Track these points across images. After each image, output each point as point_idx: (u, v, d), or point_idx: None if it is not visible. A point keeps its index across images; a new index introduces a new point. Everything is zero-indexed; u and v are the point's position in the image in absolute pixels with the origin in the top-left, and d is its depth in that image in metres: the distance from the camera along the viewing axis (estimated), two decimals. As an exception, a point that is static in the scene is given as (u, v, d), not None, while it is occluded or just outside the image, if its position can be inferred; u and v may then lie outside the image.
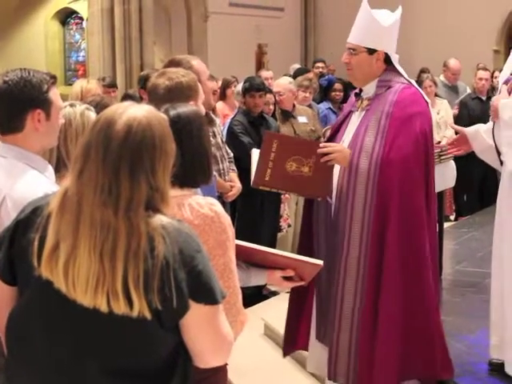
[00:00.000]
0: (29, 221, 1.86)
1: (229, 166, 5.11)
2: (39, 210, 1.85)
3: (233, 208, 5.62)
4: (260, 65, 13.64)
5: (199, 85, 3.03)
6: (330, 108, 7.92)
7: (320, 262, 2.52)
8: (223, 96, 7.27)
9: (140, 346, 1.80)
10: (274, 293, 5.93)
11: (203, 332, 1.83)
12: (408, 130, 3.40)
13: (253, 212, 5.95)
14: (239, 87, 6.97)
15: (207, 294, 1.80)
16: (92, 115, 2.73)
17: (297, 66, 10.68)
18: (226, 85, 7.37)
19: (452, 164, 5.40)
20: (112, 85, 7.22)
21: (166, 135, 1.82)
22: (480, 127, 3.92)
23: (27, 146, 2.41)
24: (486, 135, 3.79)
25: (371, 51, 3.50)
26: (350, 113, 3.70)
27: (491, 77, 8.83)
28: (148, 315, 1.75)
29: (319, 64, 10.39)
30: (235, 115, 6.22)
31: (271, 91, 6.58)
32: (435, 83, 8.12)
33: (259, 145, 5.15)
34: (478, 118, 6.45)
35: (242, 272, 2.40)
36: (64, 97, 2.80)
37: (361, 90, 3.66)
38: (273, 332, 4.88)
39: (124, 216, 1.73)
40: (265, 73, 9.01)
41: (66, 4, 14.48)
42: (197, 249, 1.81)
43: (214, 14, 12.70)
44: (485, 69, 8.92)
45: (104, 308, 1.74)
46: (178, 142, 1.92)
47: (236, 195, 5.12)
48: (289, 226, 6.39)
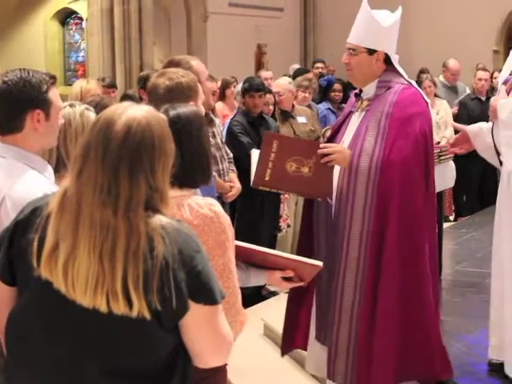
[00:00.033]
0: (28, 221, 1.86)
1: (228, 167, 5.11)
2: (38, 211, 1.85)
3: (232, 208, 5.62)
4: (259, 65, 13.64)
5: (199, 85, 3.03)
6: (330, 108, 7.92)
7: (319, 263, 2.51)
8: (223, 96, 7.26)
9: (139, 347, 1.80)
10: (274, 293, 5.93)
11: (203, 332, 1.83)
12: (408, 131, 3.40)
13: (252, 212, 5.95)
14: (239, 87, 6.97)
15: (207, 295, 1.80)
16: (92, 115, 2.73)
17: (296, 67, 10.68)
18: (226, 85, 7.37)
19: (451, 164, 5.41)
20: (111, 85, 7.23)
21: (166, 135, 1.82)
22: (482, 125, 3.91)
23: (26, 146, 2.41)
24: (487, 134, 3.79)
25: (371, 51, 3.50)
26: (350, 113, 3.70)
27: (491, 77, 8.82)
28: (147, 315, 1.75)
29: (319, 64, 10.38)
30: (235, 115, 6.21)
31: (271, 91, 6.57)
32: (434, 83, 8.11)
33: (259, 145, 5.14)
34: (478, 119, 6.42)
35: (242, 272, 2.40)
36: (63, 97, 2.80)
37: (361, 91, 3.65)
38: (272, 332, 4.88)
39: (123, 216, 1.73)
40: (264, 73, 9.00)
41: (66, 4, 14.49)
42: (196, 249, 1.81)
43: (214, 15, 12.70)
44: (484, 69, 8.91)
45: (103, 308, 1.74)
46: (178, 143, 1.92)
47: (235, 196, 5.12)
48: (288, 227, 6.39)
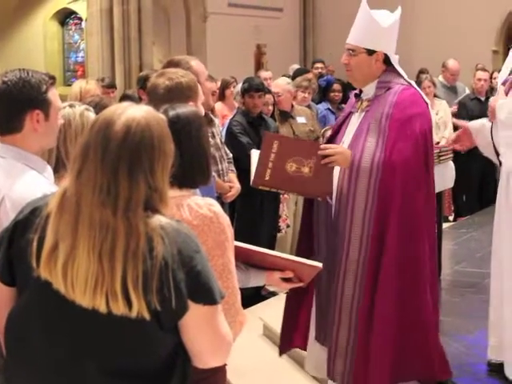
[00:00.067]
0: (27, 221, 1.86)
1: (228, 167, 5.11)
2: (38, 211, 1.85)
3: (232, 209, 5.62)
4: (259, 65, 13.65)
5: (199, 85, 3.03)
6: (329, 108, 7.93)
7: (319, 264, 2.51)
8: (222, 96, 7.26)
9: (139, 347, 1.80)
10: (273, 293, 5.92)
11: (202, 332, 1.83)
12: (408, 132, 3.39)
13: (252, 212, 5.95)
14: (238, 88, 6.96)
15: (206, 295, 1.80)
16: (91, 116, 2.73)
17: (296, 67, 10.68)
18: (225, 85, 7.37)
19: (451, 164, 5.41)
20: (111, 85, 7.23)
21: (165, 136, 1.82)
22: (484, 121, 3.89)
23: (26, 147, 2.41)
24: (489, 131, 3.78)
25: (370, 52, 3.49)
26: (350, 114, 3.69)
27: (490, 77, 8.81)
28: (147, 316, 1.75)
29: (318, 64, 10.38)
30: (234, 116, 6.21)
31: (270, 92, 6.57)
32: (434, 84, 8.11)
33: (258, 145, 5.14)
34: (477, 119, 6.44)
35: (241, 273, 2.40)
36: (63, 97, 2.80)
37: (360, 91, 3.64)
38: (271, 332, 4.88)
39: (123, 216, 1.73)
40: (264, 73, 9.00)
41: (65, 4, 14.50)
42: (196, 249, 1.81)
43: (213, 15, 12.70)
44: (484, 69, 8.90)
45: (103, 309, 1.74)
46: (177, 143, 1.92)
47: (235, 196, 5.12)
48: (288, 227, 6.38)
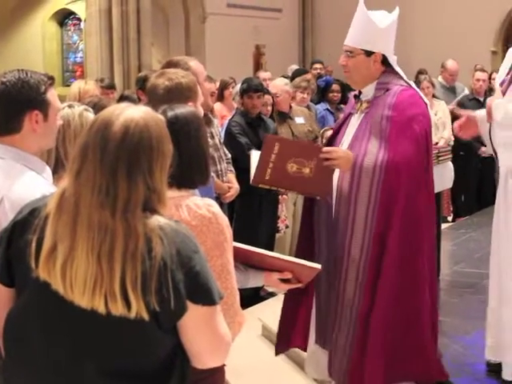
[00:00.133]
0: (26, 222, 1.86)
1: (227, 167, 5.11)
2: (37, 212, 1.85)
3: (231, 209, 5.61)
4: (258, 66, 13.64)
5: (198, 86, 3.03)
6: (328, 109, 7.92)
7: (318, 266, 2.51)
8: (221, 97, 7.26)
9: (138, 347, 1.80)
10: (272, 294, 5.92)
11: (201, 333, 1.83)
12: (409, 133, 3.39)
13: (250, 213, 5.94)
14: (237, 88, 6.97)
15: (205, 295, 1.80)
16: (90, 116, 2.73)
17: (295, 67, 10.69)
18: (224, 86, 7.37)
19: (450, 165, 5.42)
20: (110, 86, 7.21)
21: (164, 136, 1.82)
22: None
23: (25, 147, 2.41)
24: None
25: (368, 53, 3.48)
26: (350, 115, 3.69)
27: (489, 78, 8.82)
28: (146, 316, 1.75)
29: (317, 65, 10.38)
30: (233, 116, 6.21)
31: (269, 92, 6.57)
32: (433, 84, 8.11)
33: (257, 146, 5.14)
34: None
35: (240, 273, 2.40)
36: (62, 98, 2.80)
37: (360, 92, 3.63)
38: (270, 333, 4.88)
39: (121, 217, 1.73)
40: (263, 74, 9.00)
41: (64, 5, 14.49)
42: (194, 250, 1.81)
43: (212, 15, 12.70)
44: (482, 70, 8.91)
45: (102, 309, 1.74)
46: (176, 143, 1.92)
47: (234, 196, 5.12)
48: (286, 227, 6.38)
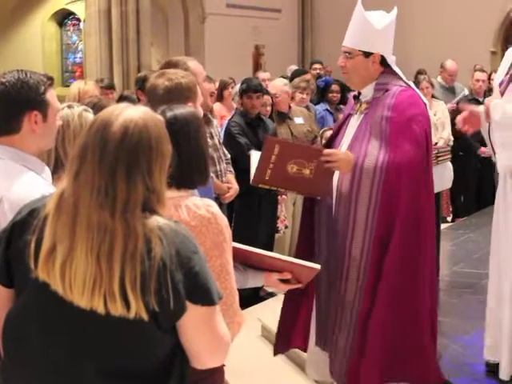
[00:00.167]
0: (25, 223, 1.86)
1: (226, 168, 5.11)
2: (36, 212, 1.85)
3: (230, 209, 5.61)
4: (257, 66, 13.64)
5: (198, 86, 3.03)
6: (327, 109, 7.92)
7: (317, 266, 2.51)
8: (220, 97, 7.26)
9: (137, 348, 1.80)
10: (271, 294, 5.92)
11: (200, 333, 1.83)
12: (409, 134, 3.38)
13: (250, 213, 5.94)
14: (236, 88, 6.96)
15: (204, 295, 1.81)
16: (90, 116, 2.73)
17: (294, 68, 10.68)
18: (224, 86, 7.37)
19: (449, 165, 5.41)
20: (110, 86, 7.21)
21: (163, 137, 1.83)
22: None
23: (24, 148, 2.41)
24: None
25: (367, 54, 3.47)
26: (349, 115, 3.69)
27: (488, 78, 8.82)
28: (145, 317, 1.75)
29: (316, 65, 10.37)
30: (232, 116, 6.21)
31: (268, 92, 6.57)
32: (432, 84, 8.11)
33: (256, 146, 5.14)
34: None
35: (239, 274, 2.40)
36: (61, 98, 2.80)
37: (359, 93, 3.63)
38: (270, 333, 4.88)
39: (121, 218, 1.73)
40: (262, 74, 8.99)
41: (64, 5, 14.51)
42: (194, 250, 1.81)
43: (212, 15, 12.70)
44: (482, 70, 8.90)
45: (101, 310, 1.74)
46: (175, 144, 1.92)
47: (233, 197, 5.12)
48: (286, 228, 6.39)
